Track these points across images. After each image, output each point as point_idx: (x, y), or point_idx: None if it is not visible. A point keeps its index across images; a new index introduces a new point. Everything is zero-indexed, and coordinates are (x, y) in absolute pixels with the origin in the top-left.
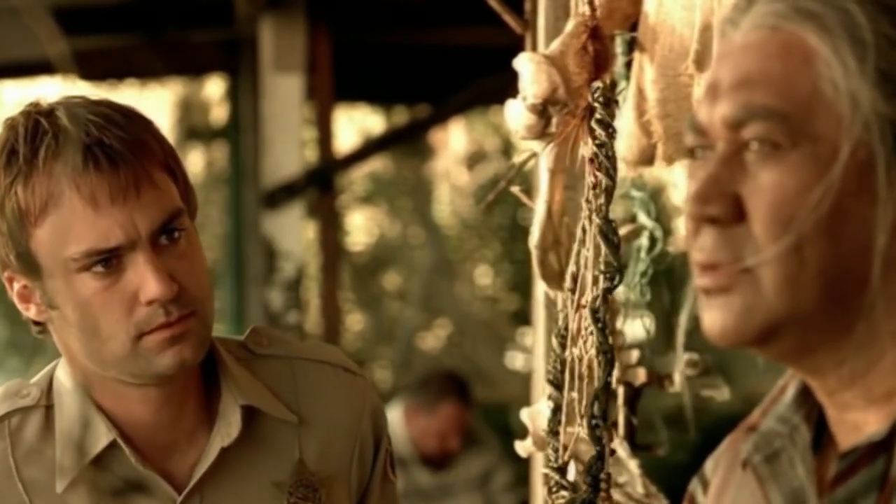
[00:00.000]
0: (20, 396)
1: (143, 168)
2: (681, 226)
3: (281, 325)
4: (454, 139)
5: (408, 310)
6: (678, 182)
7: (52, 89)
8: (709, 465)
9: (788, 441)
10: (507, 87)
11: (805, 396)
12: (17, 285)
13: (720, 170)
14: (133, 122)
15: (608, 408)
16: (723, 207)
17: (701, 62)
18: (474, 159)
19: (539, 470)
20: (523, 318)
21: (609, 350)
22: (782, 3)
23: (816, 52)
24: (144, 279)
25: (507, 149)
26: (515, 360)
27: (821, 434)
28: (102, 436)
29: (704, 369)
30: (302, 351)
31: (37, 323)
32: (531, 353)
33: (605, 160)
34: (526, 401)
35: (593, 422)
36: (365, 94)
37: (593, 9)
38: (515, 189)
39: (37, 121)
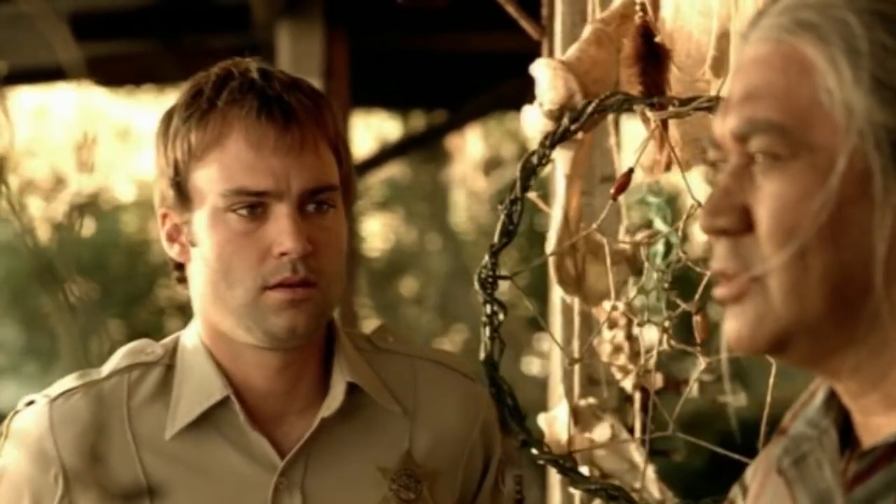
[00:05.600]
0: (144, 353)
1: (312, 134)
2: (696, 231)
3: None
4: (471, 145)
5: (424, 315)
6: (694, 188)
7: (68, 96)
8: (749, 471)
9: (817, 444)
10: (524, 92)
11: (834, 400)
12: (168, 224)
13: (730, 183)
14: (317, 96)
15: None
16: (731, 220)
17: (717, 68)
18: (491, 165)
19: (556, 475)
20: (540, 323)
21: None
22: (785, 16)
23: (814, 63)
24: (281, 232)
25: (524, 155)
26: (532, 366)
27: (849, 438)
28: (217, 391)
29: (721, 375)
30: (425, 352)
31: (178, 268)
32: (548, 358)
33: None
34: (543, 406)
35: None
36: (382, 100)
37: (644, 9)
38: (532, 195)
39: (230, 71)
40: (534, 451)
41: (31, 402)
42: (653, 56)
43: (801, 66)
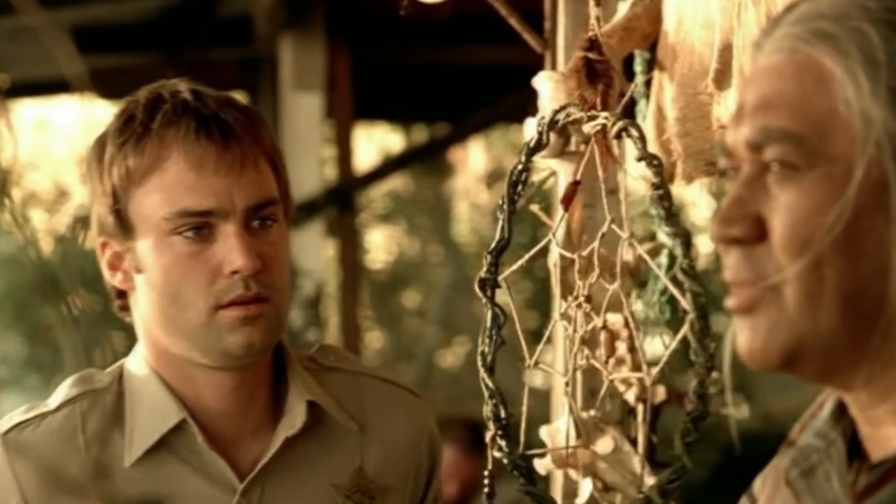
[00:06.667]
0: (92, 381)
1: (251, 150)
2: (700, 244)
3: (300, 344)
4: (473, 157)
5: (427, 328)
6: (697, 200)
7: (70, 108)
8: (757, 482)
9: (825, 455)
10: (527, 105)
11: (842, 412)
12: (108, 252)
13: (743, 191)
14: (251, 113)
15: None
16: (744, 228)
17: (720, 81)
18: (493, 177)
19: (559, 488)
20: (542, 335)
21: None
22: (800, 26)
23: (831, 73)
24: (231, 250)
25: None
26: (534, 378)
27: (857, 449)
28: (173, 414)
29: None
30: (367, 368)
31: (120, 295)
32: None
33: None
34: (545, 418)
35: None
36: (384, 113)
37: (598, 21)
38: (534, 207)
39: (159, 94)
40: (501, 447)
41: None
42: (590, 73)
43: (817, 76)
